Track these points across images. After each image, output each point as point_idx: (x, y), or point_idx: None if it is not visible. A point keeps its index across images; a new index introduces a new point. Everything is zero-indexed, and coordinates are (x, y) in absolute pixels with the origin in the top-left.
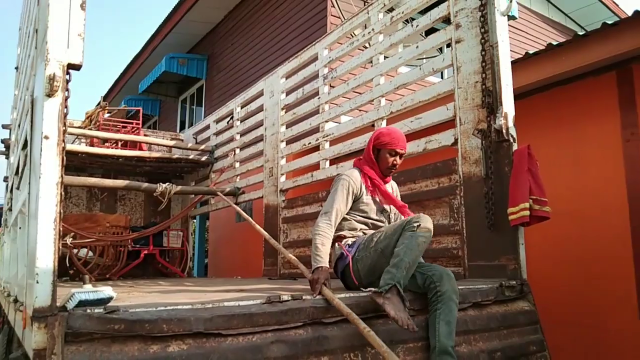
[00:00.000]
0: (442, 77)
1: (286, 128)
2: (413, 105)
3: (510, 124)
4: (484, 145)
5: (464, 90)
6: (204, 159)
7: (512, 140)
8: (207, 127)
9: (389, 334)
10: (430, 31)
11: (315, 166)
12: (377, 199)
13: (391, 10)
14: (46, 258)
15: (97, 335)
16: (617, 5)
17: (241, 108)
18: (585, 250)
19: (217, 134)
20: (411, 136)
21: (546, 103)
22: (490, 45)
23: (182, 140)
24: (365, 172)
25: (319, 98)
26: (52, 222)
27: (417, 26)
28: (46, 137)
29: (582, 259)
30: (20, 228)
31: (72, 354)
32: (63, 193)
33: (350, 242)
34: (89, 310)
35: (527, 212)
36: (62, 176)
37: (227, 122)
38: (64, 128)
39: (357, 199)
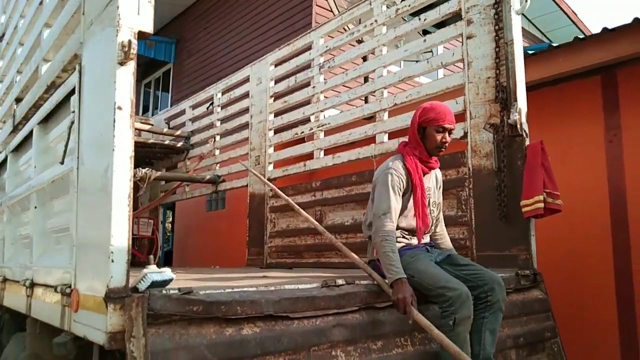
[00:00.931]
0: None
1: (275, 116)
2: (419, 98)
3: (524, 119)
4: (495, 139)
5: (475, 85)
6: (179, 145)
7: (525, 135)
8: (183, 112)
9: None
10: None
11: (308, 156)
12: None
13: (394, 3)
14: (121, 236)
15: (175, 317)
16: (576, 15)
17: (222, 94)
18: (569, 244)
19: (194, 120)
20: None
21: (534, 102)
22: (505, 43)
23: (152, 124)
24: (408, 166)
25: (313, 87)
26: (126, 197)
27: (424, 20)
28: (119, 108)
29: (566, 253)
30: (35, 207)
31: (153, 336)
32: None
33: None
34: (164, 291)
35: (542, 205)
36: (134, 150)
37: (207, 108)
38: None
39: (402, 195)
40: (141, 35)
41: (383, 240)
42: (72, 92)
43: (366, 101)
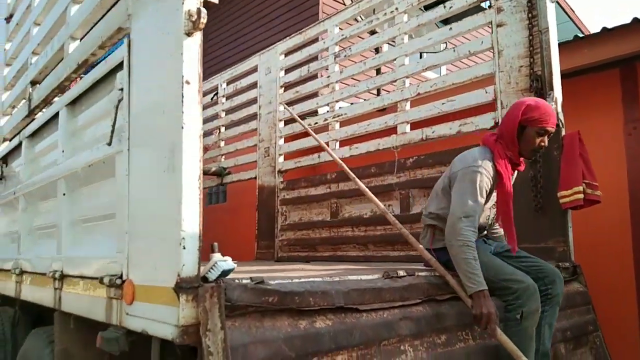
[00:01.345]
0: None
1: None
2: (444, 87)
3: (560, 109)
4: None
5: (506, 74)
6: None
7: (561, 125)
8: None
9: None
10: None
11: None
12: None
13: None
14: (192, 220)
15: (250, 308)
16: (573, 11)
17: (227, 84)
18: (587, 238)
19: None
20: (442, 118)
21: None
22: (539, 31)
23: None
24: (498, 168)
25: (328, 77)
26: (196, 178)
27: (450, 8)
28: (187, 83)
29: (584, 247)
30: (64, 194)
31: (230, 330)
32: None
33: None
34: (237, 281)
35: (581, 196)
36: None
37: (211, 99)
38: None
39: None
40: (206, 4)
41: (464, 245)
42: (116, 68)
43: (378, 93)
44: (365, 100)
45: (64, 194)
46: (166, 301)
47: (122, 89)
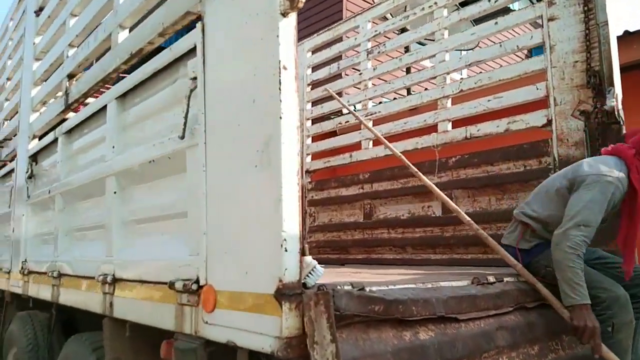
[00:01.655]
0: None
1: (312, 105)
2: (490, 83)
3: (620, 106)
4: (587, 127)
5: (559, 70)
6: None
7: (621, 123)
8: None
9: None
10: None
11: (353, 146)
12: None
13: None
14: (293, 220)
15: (357, 318)
16: None
17: None
18: None
19: None
20: (488, 116)
21: None
22: (596, 24)
23: None
24: (634, 183)
25: (360, 74)
26: (295, 174)
27: (495, 2)
28: (284, 68)
29: None
30: (115, 192)
31: (339, 343)
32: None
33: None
34: (339, 287)
35: None
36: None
37: None
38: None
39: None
40: None
41: (575, 254)
42: (184, 56)
43: (408, 92)
44: (397, 98)
45: (114, 193)
46: (262, 309)
47: (194, 78)
